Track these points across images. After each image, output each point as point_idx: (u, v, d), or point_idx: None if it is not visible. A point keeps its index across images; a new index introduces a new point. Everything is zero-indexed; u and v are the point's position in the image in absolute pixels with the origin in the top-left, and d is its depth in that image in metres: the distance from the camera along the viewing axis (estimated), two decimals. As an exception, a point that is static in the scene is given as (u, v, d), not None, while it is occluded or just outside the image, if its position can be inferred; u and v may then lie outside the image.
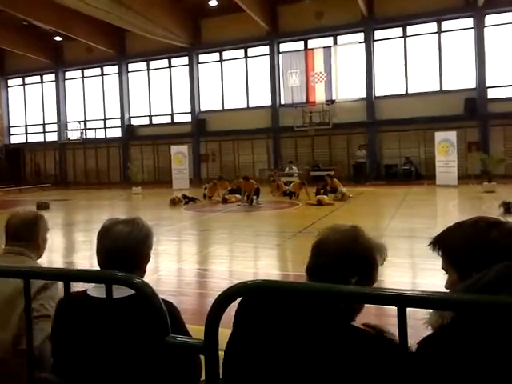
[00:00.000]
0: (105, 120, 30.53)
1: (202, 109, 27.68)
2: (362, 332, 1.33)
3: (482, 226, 1.43)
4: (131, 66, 29.58)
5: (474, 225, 1.45)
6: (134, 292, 1.39)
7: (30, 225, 2.45)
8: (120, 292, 1.50)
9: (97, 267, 1.82)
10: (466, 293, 1.19)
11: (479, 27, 21.86)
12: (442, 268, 1.49)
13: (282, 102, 25.68)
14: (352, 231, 1.50)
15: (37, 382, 1.58)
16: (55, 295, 2.15)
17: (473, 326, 1.10)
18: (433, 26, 22.92)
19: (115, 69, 29.58)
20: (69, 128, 30.94)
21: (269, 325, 1.37)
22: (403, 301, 1.05)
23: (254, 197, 15.32)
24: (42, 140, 32.62)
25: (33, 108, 32.89)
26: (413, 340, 1.11)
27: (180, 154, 24.00)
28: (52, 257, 8.81)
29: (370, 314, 4.23)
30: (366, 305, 1.44)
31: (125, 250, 1.79)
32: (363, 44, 23.85)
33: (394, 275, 6.21)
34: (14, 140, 33.57)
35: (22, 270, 1.66)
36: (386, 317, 4.25)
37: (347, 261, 1.42)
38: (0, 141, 32.52)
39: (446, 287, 1.48)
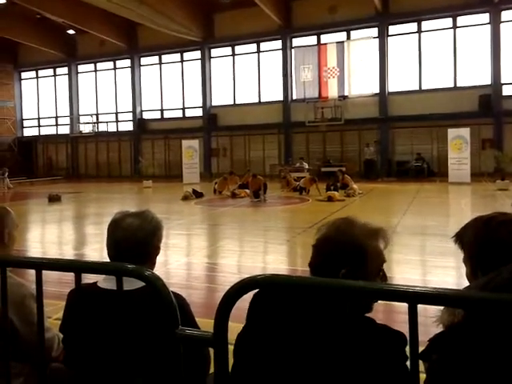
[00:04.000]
0: (117, 113, 30.68)
1: (214, 103, 27.69)
2: (375, 324, 1.34)
3: (493, 223, 1.43)
4: (143, 60, 29.66)
5: (486, 222, 1.45)
6: (143, 284, 1.39)
7: None
8: (130, 284, 1.50)
9: (107, 259, 1.83)
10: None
11: (495, 23, 21.58)
12: (463, 261, 1.52)
13: (294, 97, 25.59)
14: (338, 223, 1.50)
15: (48, 372, 1.59)
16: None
17: (485, 324, 1.09)
18: (448, 22, 22.67)
19: (127, 62, 29.69)
20: (81, 121, 31.16)
21: (282, 317, 1.38)
22: (414, 297, 1.04)
23: (261, 192, 15.32)
24: (55, 133, 32.89)
25: (45, 101, 33.15)
26: (422, 337, 1.10)
27: (191, 149, 24.04)
28: (63, 249, 8.90)
29: (378, 311, 4.22)
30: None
31: (135, 242, 1.79)
32: (377, 39, 23.67)
33: (405, 272, 6.19)
34: (27, 133, 33.89)
35: (33, 261, 1.67)
36: (395, 313, 4.23)
37: (334, 253, 1.43)
38: (13, 133, 32.84)
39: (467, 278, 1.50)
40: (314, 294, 1.35)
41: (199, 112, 27.92)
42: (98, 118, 30.95)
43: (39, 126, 33.58)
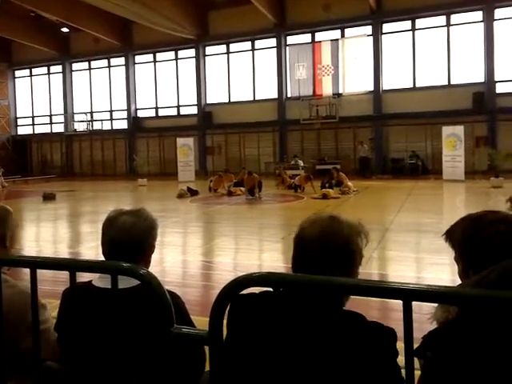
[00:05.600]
0: (111, 112, 30.57)
1: (209, 101, 27.64)
2: (365, 320, 1.34)
3: (481, 222, 1.42)
4: (138, 58, 29.55)
5: (474, 221, 1.45)
6: (138, 283, 1.39)
7: None
8: (124, 283, 1.50)
9: (102, 258, 1.83)
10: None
11: (489, 21, 21.64)
12: (454, 259, 1.51)
13: (289, 95, 25.59)
14: (330, 222, 1.49)
15: (41, 370, 1.59)
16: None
17: (479, 321, 1.09)
18: (442, 20, 22.71)
19: (122, 60, 29.57)
20: (75, 119, 31.00)
21: (261, 319, 1.38)
22: (409, 294, 1.05)
23: (257, 190, 15.34)
24: (49, 131, 32.72)
25: (40, 99, 32.97)
26: (417, 334, 1.11)
27: (186, 147, 24.01)
28: (58, 247, 8.87)
29: (373, 308, 4.24)
30: (370, 298, 1.45)
31: (129, 240, 1.79)
32: (371, 37, 23.69)
33: (400, 269, 6.22)
34: (21, 131, 33.70)
35: (28, 259, 1.67)
36: (390, 311, 4.25)
37: (325, 254, 1.42)
38: (7, 132, 32.66)
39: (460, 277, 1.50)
40: (302, 292, 1.35)
41: (194, 110, 27.87)
42: (92, 116, 30.82)
43: (33, 124, 33.39)
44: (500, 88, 21.91)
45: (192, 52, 27.58)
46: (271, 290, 1.29)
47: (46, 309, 1.95)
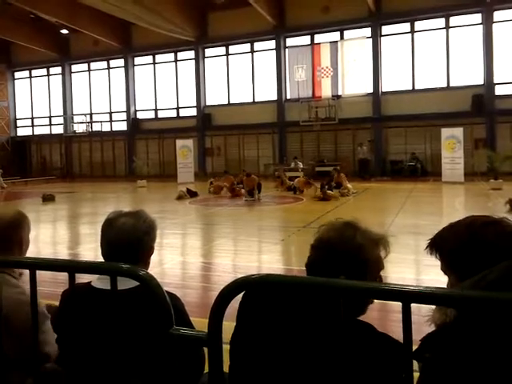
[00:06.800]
0: (111, 113, 30.57)
1: (208, 103, 27.65)
2: (375, 331, 1.33)
3: (476, 226, 1.38)
4: (137, 60, 29.56)
5: (467, 226, 1.40)
6: (137, 284, 1.39)
7: (9, 229, 2.03)
8: (123, 284, 1.50)
9: (102, 259, 1.83)
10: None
11: (488, 23, 21.67)
12: (441, 270, 1.47)
13: (288, 97, 25.60)
14: (340, 228, 1.47)
15: (40, 372, 1.59)
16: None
17: (477, 323, 1.09)
18: (441, 22, 22.74)
19: (121, 62, 29.58)
20: (75, 121, 30.99)
21: (272, 318, 1.38)
22: (408, 296, 1.05)
23: (256, 191, 15.35)
24: (48, 132, 32.71)
25: (39, 101, 32.97)
26: (416, 336, 1.11)
27: (185, 148, 24.01)
28: (57, 248, 8.86)
29: (373, 310, 4.24)
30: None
31: (128, 242, 1.79)
32: (370, 39, 23.72)
33: (399, 271, 6.21)
34: (21, 132, 33.69)
35: (27, 261, 1.67)
36: (390, 312, 4.25)
37: (335, 260, 1.41)
38: (6, 133, 32.65)
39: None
40: (307, 294, 1.35)
41: (193, 112, 27.87)
42: (91, 118, 30.80)
43: (33, 125, 33.39)
44: (499, 90, 21.93)
45: (191, 54, 27.59)
46: (286, 292, 1.29)
47: (47, 318, 1.95)
